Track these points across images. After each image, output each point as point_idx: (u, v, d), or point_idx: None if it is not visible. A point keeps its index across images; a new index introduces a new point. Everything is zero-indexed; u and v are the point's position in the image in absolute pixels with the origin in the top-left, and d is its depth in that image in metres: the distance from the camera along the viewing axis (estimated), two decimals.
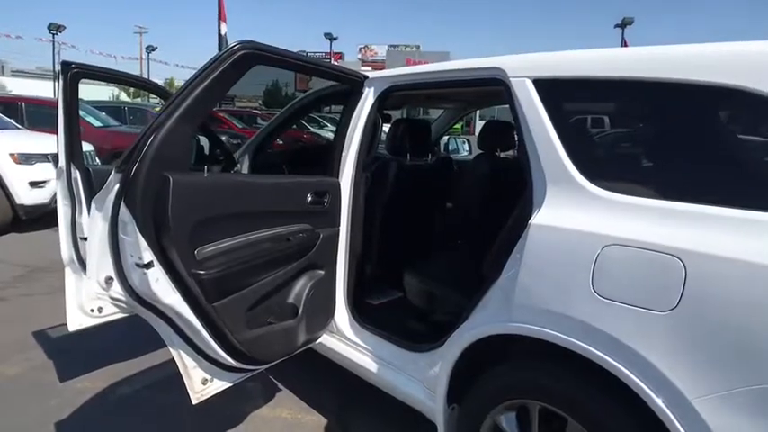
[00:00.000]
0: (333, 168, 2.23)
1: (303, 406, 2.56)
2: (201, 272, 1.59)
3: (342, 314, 2.33)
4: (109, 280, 1.57)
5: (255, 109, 20.88)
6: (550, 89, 1.59)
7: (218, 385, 1.87)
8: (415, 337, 2.16)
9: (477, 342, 1.66)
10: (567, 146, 1.51)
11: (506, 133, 3.03)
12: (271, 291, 1.91)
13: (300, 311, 2.05)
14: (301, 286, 2.09)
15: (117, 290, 1.59)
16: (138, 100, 27.39)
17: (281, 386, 2.73)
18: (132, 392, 2.62)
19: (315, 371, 2.77)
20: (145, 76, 29.23)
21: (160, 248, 1.51)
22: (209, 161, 2.89)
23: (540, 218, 1.50)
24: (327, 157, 2.30)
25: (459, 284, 2.19)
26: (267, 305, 1.94)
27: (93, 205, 1.59)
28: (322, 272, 2.17)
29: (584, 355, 1.35)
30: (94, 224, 1.57)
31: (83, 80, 2.34)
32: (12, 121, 6.70)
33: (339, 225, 2.22)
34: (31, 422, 2.32)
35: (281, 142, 6.56)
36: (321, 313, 2.22)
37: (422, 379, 2.01)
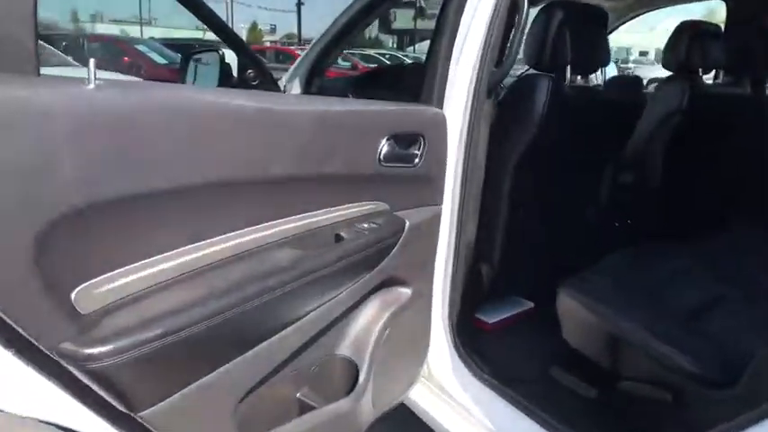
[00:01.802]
0: (431, 91, 1.16)
1: None
2: (91, 351, 0.60)
3: (440, 350, 1.32)
4: None
5: None
6: None
7: None
8: (580, 413, 1.14)
9: None
10: None
11: (716, 42, 1.81)
12: (301, 346, 0.92)
13: (364, 374, 1.05)
14: (367, 323, 1.08)
15: None
16: None
17: None
18: None
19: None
20: (228, 18, 28.87)
21: None
22: (240, 86, 1.91)
23: None
24: (421, 75, 1.23)
25: (689, 337, 1.10)
26: (293, 371, 0.95)
27: None
28: (408, 290, 1.15)
29: None
30: None
31: None
32: (70, 58, 6.14)
33: (441, 201, 1.17)
34: None
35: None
36: (405, 365, 1.22)
37: None
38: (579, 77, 1.55)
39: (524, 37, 1.33)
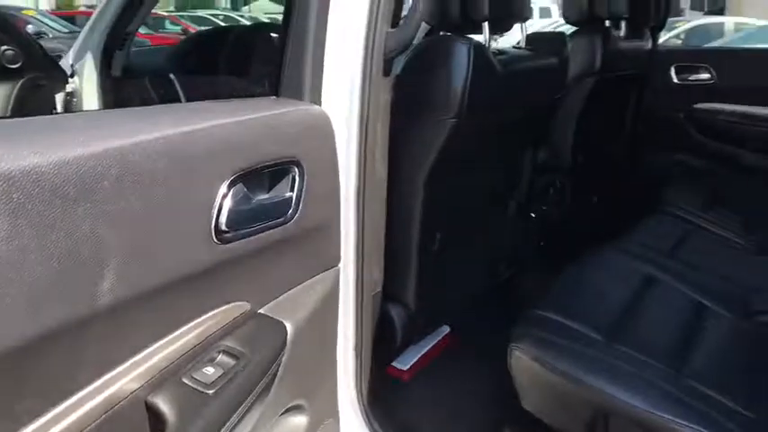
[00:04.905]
0: (297, 76, 0.67)
1: None
2: None
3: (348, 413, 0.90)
4: None
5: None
6: None
7: None
8: None
9: None
10: None
11: None
12: None
13: None
14: None
15: None
16: None
17: None
18: None
19: None
20: None
21: None
22: None
23: None
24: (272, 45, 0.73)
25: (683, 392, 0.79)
26: None
27: None
28: (305, 419, 0.69)
29: None
30: None
31: None
32: None
33: (339, 257, 0.72)
34: None
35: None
36: None
37: None
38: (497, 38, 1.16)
39: None
